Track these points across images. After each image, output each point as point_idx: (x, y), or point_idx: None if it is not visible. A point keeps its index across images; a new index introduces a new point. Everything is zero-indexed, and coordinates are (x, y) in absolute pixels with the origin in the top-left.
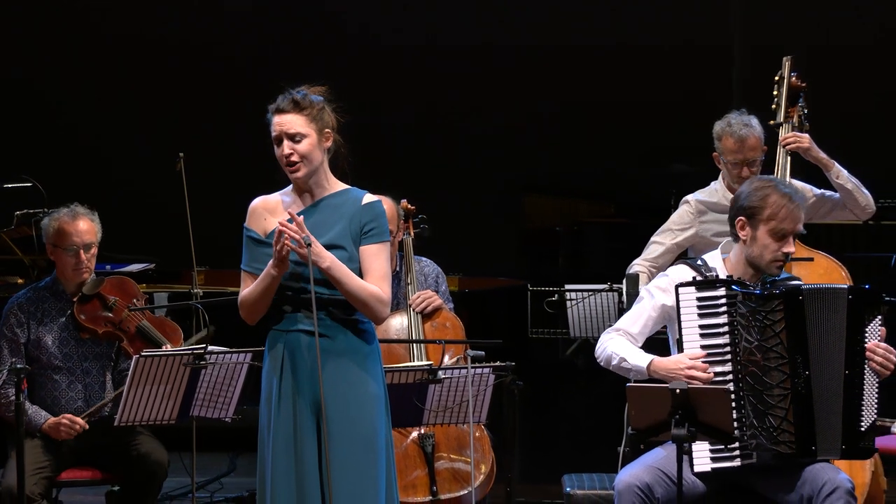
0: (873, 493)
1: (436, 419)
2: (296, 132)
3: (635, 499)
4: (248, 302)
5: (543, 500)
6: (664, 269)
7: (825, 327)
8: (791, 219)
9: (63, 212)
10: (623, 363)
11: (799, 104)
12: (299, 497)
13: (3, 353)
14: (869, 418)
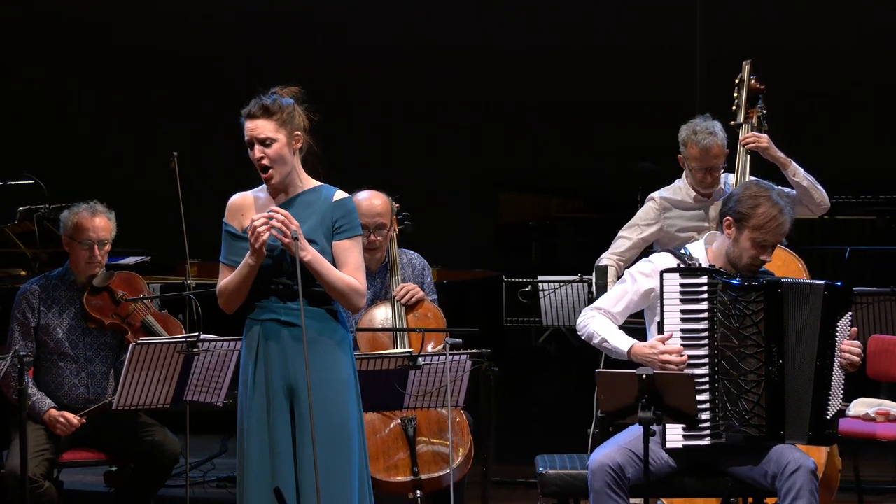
0: (829, 472)
1: (416, 403)
2: (265, 137)
3: (607, 478)
4: (226, 292)
5: (517, 479)
6: (631, 262)
7: (801, 320)
8: (775, 233)
9: (83, 207)
10: (605, 343)
11: (758, 106)
12: (273, 478)
13: (14, 335)
14: (835, 407)
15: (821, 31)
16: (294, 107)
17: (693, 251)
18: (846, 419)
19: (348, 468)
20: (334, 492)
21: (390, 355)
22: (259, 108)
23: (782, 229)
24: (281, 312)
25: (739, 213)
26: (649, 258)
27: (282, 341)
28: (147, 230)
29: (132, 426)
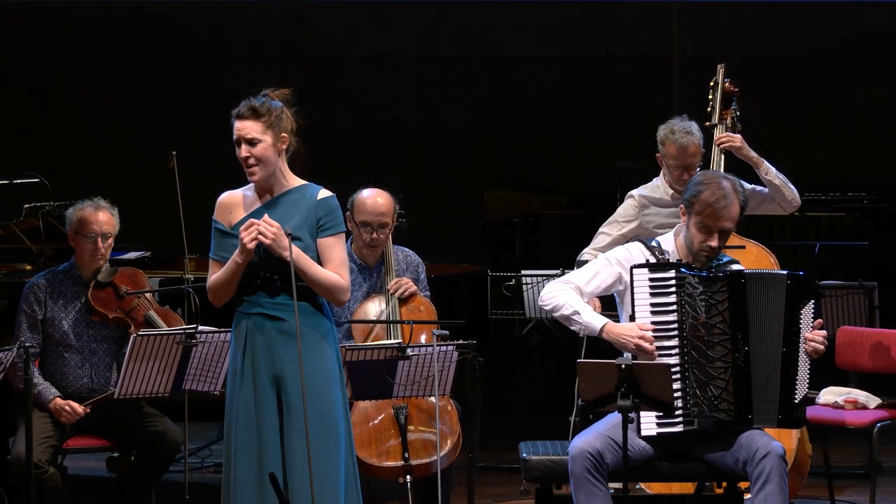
0: (800, 457)
1: (405, 392)
2: (252, 137)
3: (587, 463)
4: (216, 287)
5: (502, 464)
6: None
7: (765, 308)
8: (714, 217)
9: (87, 203)
10: (575, 316)
11: (732, 107)
12: (261, 465)
13: (21, 328)
14: (802, 391)
15: (792, 37)
16: (283, 110)
17: (663, 243)
18: (816, 407)
19: (335, 454)
20: (322, 477)
21: (380, 346)
22: (248, 109)
23: (724, 213)
24: (268, 307)
25: (687, 200)
26: (625, 246)
27: (268, 334)
28: (147, 226)
29: (135, 416)
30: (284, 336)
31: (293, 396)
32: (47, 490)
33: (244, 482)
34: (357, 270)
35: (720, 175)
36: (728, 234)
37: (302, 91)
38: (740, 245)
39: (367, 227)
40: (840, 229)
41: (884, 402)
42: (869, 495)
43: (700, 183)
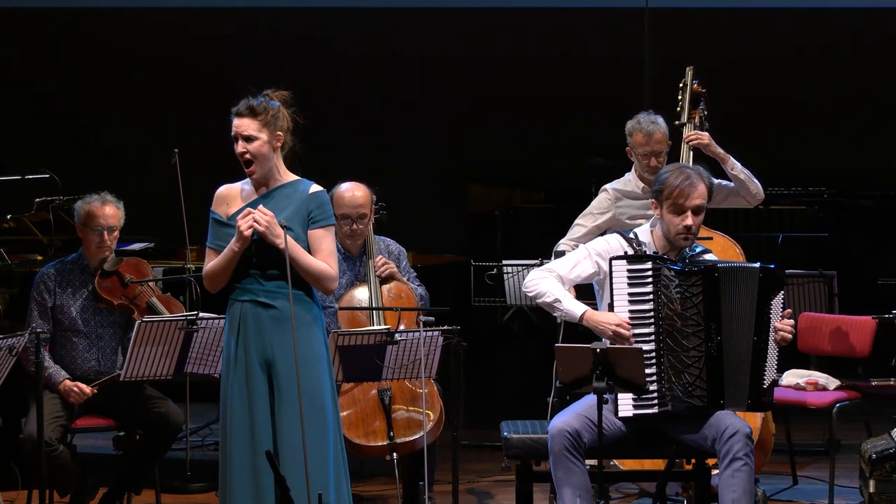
0: (764, 435)
1: (393, 375)
2: (249, 134)
3: (565, 442)
4: (212, 274)
5: (484, 443)
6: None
7: (737, 300)
8: (683, 195)
9: (94, 197)
10: (557, 303)
11: (700, 107)
12: (253, 443)
13: (32, 315)
14: (770, 377)
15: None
16: (279, 109)
17: (640, 235)
18: (779, 388)
19: (324, 433)
20: (312, 455)
21: (370, 332)
22: (246, 107)
23: (687, 192)
24: (259, 294)
25: (656, 192)
26: (605, 237)
27: (259, 320)
28: (151, 219)
29: (140, 397)
30: (275, 322)
31: (284, 379)
32: (57, 467)
33: (239, 460)
34: (342, 259)
35: (679, 164)
36: (701, 211)
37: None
38: (708, 236)
39: (346, 218)
40: (801, 222)
41: (842, 383)
42: (829, 471)
43: (664, 172)
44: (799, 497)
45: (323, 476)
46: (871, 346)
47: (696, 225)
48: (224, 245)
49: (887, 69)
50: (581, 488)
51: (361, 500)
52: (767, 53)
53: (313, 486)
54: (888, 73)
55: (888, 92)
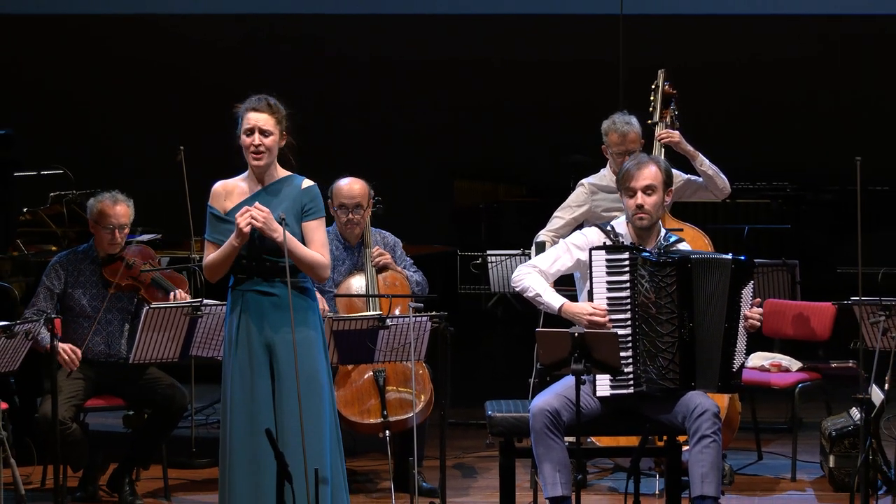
0: (731, 414)
1: (385, 357)
2: (267, 129)
3: (546, 420)
4: (212, 266)
5: (470, 421)
6: (565, 238)
7: (709, 289)
8: (631, 176)
9: (106, 196)
10: (538, 297)
11: (671, 107)
12: (253, 421)
13: (39, 296)
14: (739, 361)
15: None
16: (286, 111)
17: (617, 227)
18: (745, 370)
19: (320, 411)
20: (309, 432)
21: (363, 317)
22: (265, 104)
23: (634, 174)
24: (257, 284)
25: (617, 183)
26: (582, 231)
27: (261, 308)
28: (158, 212)
29: (148, 379)
30: (275, 308)
31: (284, 363)
32: (70, 444)
33: (239, 437)
34: (342, 248)
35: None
36: (652, 191)
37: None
38: (678, 228)
39: (343, 208)
40: (766, 214)
41: (804, 365)
42: (791, 447)
43: (625, 161)
44: (763, 472)
45: (320, 452)
46: (831, 331)
47: (650, 204)
48: (222, 238)
49: (845, 72)
50: (560, 463)
51: (355, 474)
52: (734, 58)
53: (310, 461)
54: (846, 76)
55: (847, 93)
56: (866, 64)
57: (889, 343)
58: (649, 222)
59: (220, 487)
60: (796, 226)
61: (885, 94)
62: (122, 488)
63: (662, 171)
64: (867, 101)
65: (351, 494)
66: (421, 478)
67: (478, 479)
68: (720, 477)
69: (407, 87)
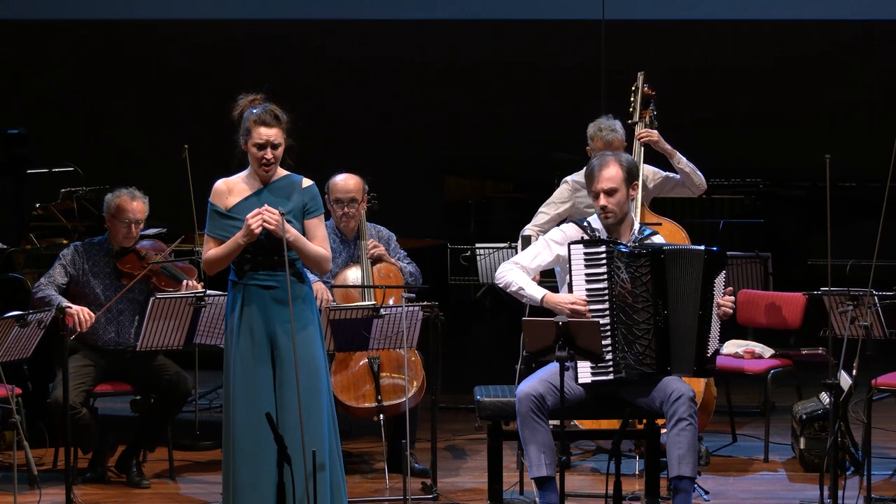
0: (707, 399)
1: (379, 345)
2: (278, 142)
3: (531, 404)
4: (214, 260)
5: (459, 405)
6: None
7: (683, 279)
8: (593, 178)
9: (124, 192)
10: (521, 290)
11: (650, 108)
12: (254, 405)
13: (56, 270)
14: (713, 347)
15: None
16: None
17: (593, 223)
18: (720, 356)
19: (319, 395)
20: (310, 414)
21: (358, 307)
22: (273, 117)
23: (599, 173)
24: (261, 278)
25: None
26: (560, 227)
27: (263, 300)
28: (164, 206)
29: (154, 366)
30: (276, 301)
31: (285, 350)
32: (81, 427)
33: (242, 422)
34: (339, 241)
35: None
36: (613, 193)
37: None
38: (657, 222)
39: (339, 203)
40: (740, 209)
41: (776, 352)
42: (764, 430)
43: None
44: (738, 453)
45: (319, 435)
46: (802, 319)
47: (613, 204)
48: (223, 234)
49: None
50: (545, 445)
51: (351, 456)
52: (710, 61)
53: (310, 444)
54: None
55: (817, 94)
56: (833, 67)
57: (857, 331)
58: (615, 219)
59: (223, 470)
60: (769, 220)
61: (851, 95)
62: (130, 469)
63: (623, 170)
64: (835, 102)
65: (347, 475)
66: (413, 459)
67: (467, 461)
68: (696, 458)
69: (400, 89)
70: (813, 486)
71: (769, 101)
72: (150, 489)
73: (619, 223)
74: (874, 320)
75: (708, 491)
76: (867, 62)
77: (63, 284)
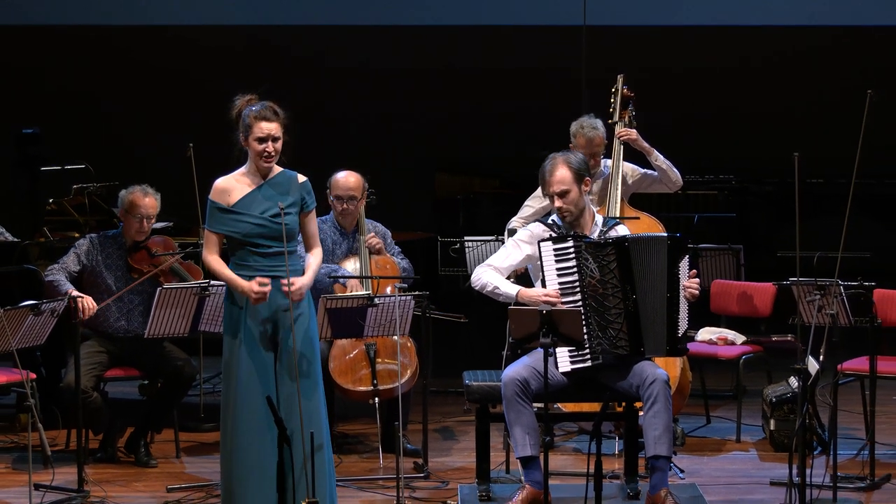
0: (682, 383)
1: (373, 332)
2: (278, 136)
3: (516, 388)
4: (210, 269)
5: (449, 389)
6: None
7: (649, 264)
8: (545, 185)
9: (137, 189)
10: (496, 290)
11: (629, 108)
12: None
13: (69, 257)
14: (683, 327)
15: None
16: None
17: (557, 219)
18: (695, 343)
19: (317, 379)
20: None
21: (353, 297)
22: (272, 112)
23: (549, 178)
24: (264, 269)
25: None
26: (527, 227)
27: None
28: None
29: (161, 352)
30: (279, 290)
31: (285, 337)
32: (92, 410)
33: (247, 404)
34: (338, 234)
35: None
36: (565, 195)
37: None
38: (635, 216)
39: (339, 199)
40: (714, 204)
41: (747, 339)
42: (736, 412)
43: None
44: (712, 434)
45: (317, 416)
46: (772, 308)
47: (568, 203)
48: (224, 228)
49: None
50: (529, 427)
51: (347, 437)
52: (687, 64)
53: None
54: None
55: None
56: (801, 71)
57: (823, 319)
58: (572, 217)
59: (222, 453)
60: (741, 214)
61: (818, 96)
62: (138, 450)
63: (572, 170)
64: (804, 103)
65: (343, 455)
66: (406, 440)
67: (457, 441)
68: (672, 438)
69: (395, 92)
70: (782, 464)
71: (741, 102)
72: (157, 468)
73: (579, 218)
74: (840, 309)
75: (683, 469)
76: (833, 66)
77: (74, 272)
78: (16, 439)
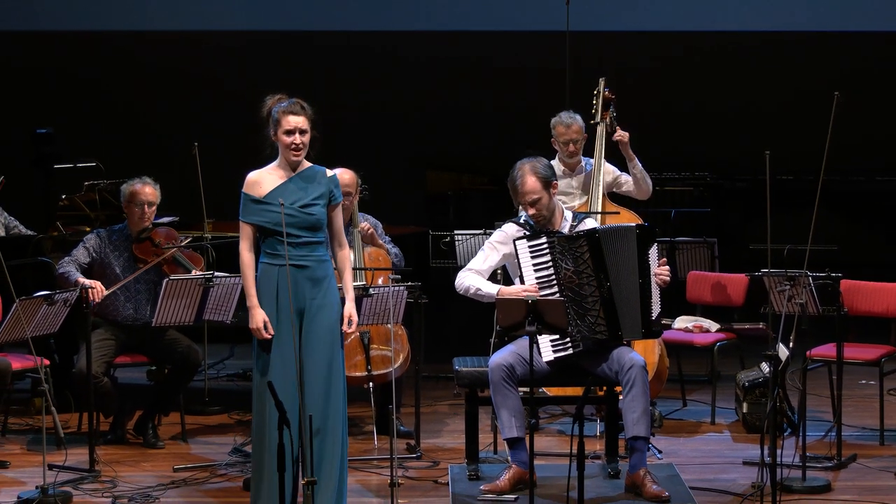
0: (660, 369)
1: (367, 320)
2: (306, 129)
3: (502, 373)
4: (241, 266)
5: (440, 374)
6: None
7: (620, 253)
8: (517, 192)
9: (136, 180)
10: (478, 291)
11: (610, 110)
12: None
13: (79, 251)
14: (656, 310)
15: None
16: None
17: (530, 218)
18: (672, 331)
19: (339, 364)
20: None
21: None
22: (299, 107)
23: (520, 188)
24: (293, 258)
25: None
26: (502, 228)
27: (295, 279)
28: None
29: (168, 340)
30: (308, 280)
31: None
32: (102, 395)
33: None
34: None
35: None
36: (536, 203)
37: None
38: (616, 211)
39: None
40: (689, 199)
41: (722, 327)
42: (711, 396)
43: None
44: (688, 417)
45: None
46: (745, 298)
47: (539, 208)
48: (256, 219)
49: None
50: (515, 410)
51: None
52: (664, 67)
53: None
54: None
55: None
56: (773, 72)
57: (793, 308)
58: (545, 220)
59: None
60: (715, 209)
61: (789, 97)
62: (146, 432)
63: (540, 179)
64: (775, 104)
65: None
66: (399, 423)
67: (447, 424)
68: (650, 421)
69: (389, 92)
70: (754, 445)
71: (715, 102)
72: (164, 449)
73: (550, 217)
74: (809, 298)
75: (661, 450)
76: (803, 69)
77: (84, 264)
78: (31, 422)
